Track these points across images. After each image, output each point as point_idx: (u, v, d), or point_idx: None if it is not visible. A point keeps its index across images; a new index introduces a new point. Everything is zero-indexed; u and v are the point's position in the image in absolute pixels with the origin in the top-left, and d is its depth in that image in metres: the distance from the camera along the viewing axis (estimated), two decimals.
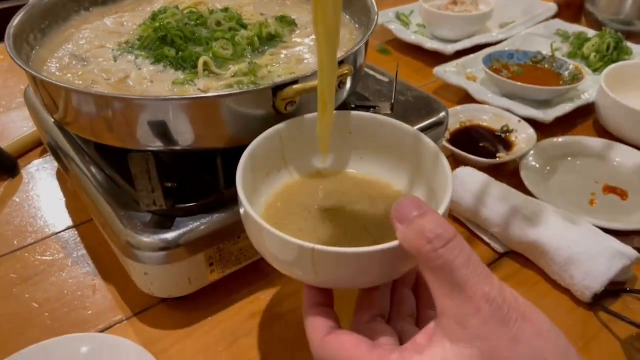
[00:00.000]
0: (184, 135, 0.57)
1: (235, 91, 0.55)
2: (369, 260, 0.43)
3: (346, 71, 0.58)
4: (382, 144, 0.58)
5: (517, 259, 0.73)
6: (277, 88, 0.56)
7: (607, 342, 0.63)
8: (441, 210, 0.46)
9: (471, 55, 1.12)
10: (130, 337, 0.62)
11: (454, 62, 1.09)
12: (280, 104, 0.57)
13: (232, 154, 0.63)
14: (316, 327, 0.45)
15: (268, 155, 0.56)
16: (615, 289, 0.67)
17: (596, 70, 1.09)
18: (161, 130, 0.57)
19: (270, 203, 0.56)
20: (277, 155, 0.58)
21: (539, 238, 0.68)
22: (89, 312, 0.65)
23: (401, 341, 0.46)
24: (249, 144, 0.54)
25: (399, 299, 0.50)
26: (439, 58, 1.16)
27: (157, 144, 0.58)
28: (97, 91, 0.60)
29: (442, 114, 0.78)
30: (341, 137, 0.59)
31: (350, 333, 0.44)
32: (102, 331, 0.63)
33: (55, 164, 0.89)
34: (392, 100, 0.74)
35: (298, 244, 0.43)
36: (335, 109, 0.55)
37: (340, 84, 0.62)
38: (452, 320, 0.38)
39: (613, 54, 1.10)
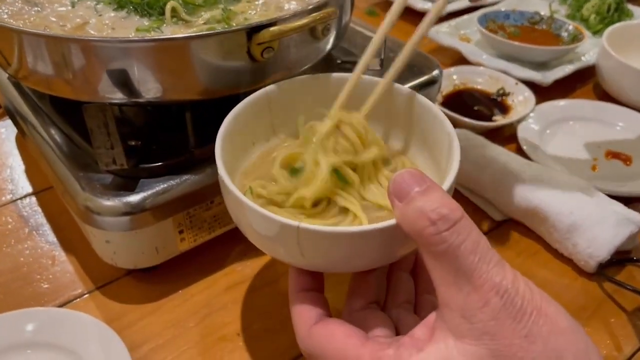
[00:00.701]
0: (147, 85, 0.50)
1: (204, 32, 0.49)
2: (363, 241, 0.38)
3: (331, 12, 0.52)
4: (382, 108, 0.52)
5: (516, 228, 0.67)
6: (253, 30, 0.49)
7: (611, 314, 0.58)
8: (446, 185, 0.40)
9: (465, 16, 1.06)
10: (92, 312, 0.56)
11: (446, 24, 1.03)
12: (255, 49, 0.50)
13: (204, 108, 0.57)
14: (303, 315, 0.40)
15: (254, 122, 0.50)
16: (620, 258, 0.62)
17: (596, 32, 1.03)
18: (122, 79, 0.50)
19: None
20: (264, 122, 0.52)
21: (539, 204, 0.63)
22: (47, 285, 0.59)
23: (397, 331, 0.41)
24: (221, 97, 0.48)
25: (396, 283, 0.45)
26: None
27: (117, 96, 0.51)
28: (49, 33, 0.53)
29: (436, 72, 0.72)
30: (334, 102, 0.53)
31: (341, 323, 0.39)
32: (60, 306, 0.57)
33: (14, 129, 0.82)
34: (382, 56, 0.68)
35: (281, 221, 0.37)
36: (321, 65, 0.48)
37: (325, 30, 0.56)
38: (456, 314, 0.33)
39: (614, 15, 1.04)
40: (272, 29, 0.49)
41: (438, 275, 0.33)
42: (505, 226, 0.68)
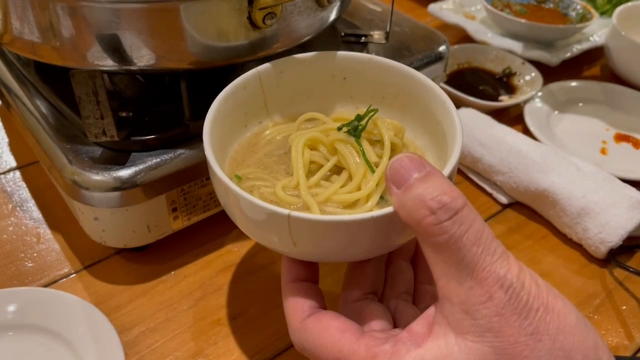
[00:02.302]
0: (140, 51, 0.47)
1: None
2: (357, 230, 0.35)
3: None
4: (381, 90, 0.49)
5: (523, 211, 0.65)
6: None
7: (622, 301, 0.56)
8: (447, 170, 0.38)
9: None
10: (79, 293, 0.53)
11: (450, 0, 1.00)
12: (257, 15, 0.47)
13: (200, 78, 0.54)
14: (295, 307, 0.38)
15: (246, 103, 0.48)
16: (631, 244, 0.59)
17: (604, 13, 1.00)
18: (112, 44, 0.47)
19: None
20: (257, 104, 0.49)
21: (549, 186, 0.60)
22: (31, 264, 0.56)
23: (395, 322, 0.39)
24: (219, 67, 0.45)
25: (395, 272, 0.43)
26: None
27: (108, 63, 0.48)
28: None
29: (443, 47, 0.69)
30: (334, 83, 0.50)
31: (335, 316, 0.36)
32: (45, 286, 0.54)
33: None
34: (387, 29, 0.65)
35: (271, 210, 0.35)
36: (324, 36, 0.45)
37: None
38: (457, 308, 0.30)
39: None
40: None
41: (438, 267, 0.31)
42: (512, 209, 0.65)
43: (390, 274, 0.43)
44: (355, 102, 0.51)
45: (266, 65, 0.48)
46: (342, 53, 0.49)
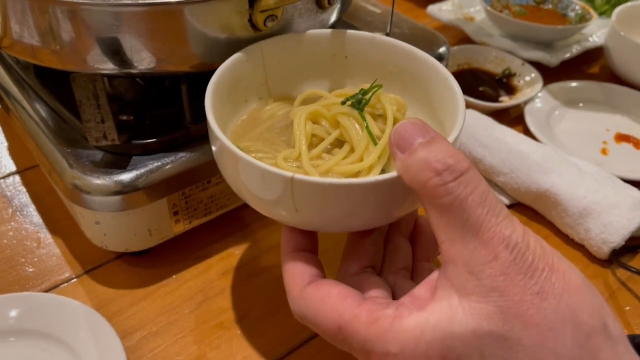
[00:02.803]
0: (140, 54, 0.47)
1: None
2: (360, 194, 0.35)
3: None
4: (382, 70, 0.49)
5: (525, 212, 0.65)
6: None
7: (625, 302, 0.56)
8: (451, 137, 0.38)
9: None
10: (80, 297, 0.53)
11: (449, 1, 1.00)
12: (258, 17, 0.47)
13: (201, 81, 0.53)
14: (295, 274, 0.38)
15: (246, 78, 0.48)
16: (634, 244, 0.59)
17: (602, 13, 1.00)
18: (112, 47, 0.46)
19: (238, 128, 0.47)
20: (258, 79, 0.49)
21: (550, 187, 0.60)
22: (32, 269, 0.56)
23: (394, 297, 0.39)
24: None
25: (394, 248, 0.43)
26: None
27: (108, 66, 0.48)
28: None
29: (443, 48, 0.69)
30: (335, 62, 0.50)
31: (336, 283, 0.36)
32: (46, 291, 0.54)
33: None
34: (388, 30, 0.65)
35: (275, 172, 0.35)
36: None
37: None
38: (462, 270, 0.30)
39: None
40: None
41: (442, 230, 0.31)
42: (514, 210, 0.65)
43: (389, 250, 0.43)
44: (356, 82, 0.51)
45: (268, 40, 0.48)
46: (344, 31, 0.49)
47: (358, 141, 0.41)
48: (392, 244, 0.43)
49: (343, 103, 0.43)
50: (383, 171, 0.40)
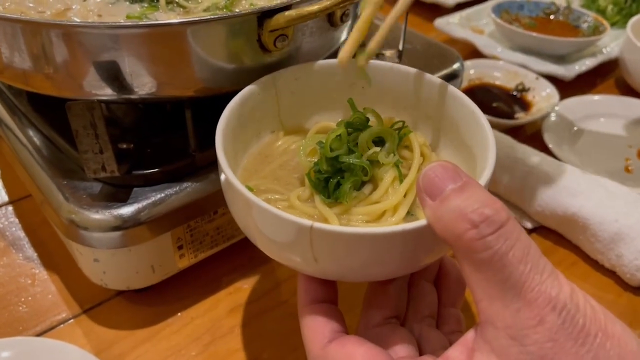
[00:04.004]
0: (141, 79, 0.43)
1: (207, 17, 0.42)
2: (386, 244, 0.32)
3: None
4: (403, 100, 0.46)
5: (549, 236, 0.61)
6: (265, 15, 0.43)
7: None
8: (483, 181, 0.35)
9: (475, 7, 0.99)
10: (78, 340, 0.49)
11: (457, 15, 0.97)
12: (268, 37, 0.44)
13: (207, 105, 0.50)
14: (316, 331, 0.34)
15: (259, 111, 0.45)
16: None
17: (614, 24, 0.97)
18: (111, 72, 0.43)
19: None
20: (270, 112, 0.46)
21: (578, 210, 0.57)
22: (26, 309, 0.52)
23: (420, 349, 0.36)
24: (228, 93, 0.41)
25: (418, 294, 0.40)
26: (437, 12, 1.04)
27: (106, 92, 0.44)
28: (26, 18, 0.45)
29: (457, 64, 0.66)
30: (352, 92, 0.47)
31: (360, 341, 0.33)
32: (41, 333, 0.50)
33: None
34: (400, 48, 0.62)
35: (293, 221, 0.32)
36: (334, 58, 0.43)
37: (343, 16, 0.49)
38: (503, 333, 0.27)
39: (632, 6, 0.98)
40: (287, 13, 0.42)
41: (480, 287, 0.28)
42: (538, 234, 0.62)
43: (413, 297, 0.40)
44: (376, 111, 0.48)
45: (282, 71, 0.45)
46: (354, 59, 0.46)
47: (383, 175, 0.38)
48: (416, 289, 0.40)
49: None
50: (409, 213, 0.37)
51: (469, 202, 0.28)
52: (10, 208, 0.63)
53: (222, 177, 0.37)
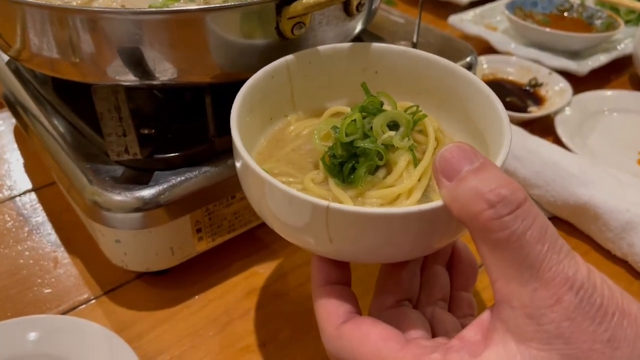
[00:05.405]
0: (163, 65, 0.45)
1: (228, 5, 0.43)
2: (402, 225, 0.32)
3: None
4: (416, 85, 0.47)
5: (561, 226, 0.62)
6: (283, 3, 0.44)
7: None
8: (499, 161, 0.35)
9: (488, 5, 1.00)
10: (99, 320, 0.51)
11: (470, 12, 0.98)
12: (286, 25, 0.45)
13: (225, 92, 0.51)
14: (330, 312, 0.35)
15: (273, 94, 0.45)
16: None
17: (628, 22, 0.97)
18: (134, 57, 0.44)
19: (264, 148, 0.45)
20: (284, 95, 0.47)
21: (590, 199, 0.57)
22: (49, 290, 0.54)
23: (433, 331, 0.36)
24: (246, 79, 0.43)
25: (431, 278, 0.40)
26: (451, 9, 1.05)
27: (129, 78, 0.46)
28: (53, 4, 0.47)
29: (470, 57, 0.67)
30: (364, 77, 0.47)
31: (375, 322, 0.33)
32: (64, 313, 0.51)
33: (13, 121, 0.76)
34: (414, 40, 0.63)
35: (309, 201, 0.32)
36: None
37: (359, 5, 0.50)
38: (519, 312, 0.27)
39: None
40: (305, 0, 0.44)
41: (496, 267, 0.28)
42: None
43: (426, 280, 0.40)
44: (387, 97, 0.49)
45: (295, 54, 0.45)
46: (375, 45, 0.46)
47: (397, 159, 0.38)
48: (429, 272, 0.41)
49: None
50: (423, 197, 0.38)
51: (486, 183, 0.28)
52: (33, 195, 0.65)
53: (237, 157, 0.38)
